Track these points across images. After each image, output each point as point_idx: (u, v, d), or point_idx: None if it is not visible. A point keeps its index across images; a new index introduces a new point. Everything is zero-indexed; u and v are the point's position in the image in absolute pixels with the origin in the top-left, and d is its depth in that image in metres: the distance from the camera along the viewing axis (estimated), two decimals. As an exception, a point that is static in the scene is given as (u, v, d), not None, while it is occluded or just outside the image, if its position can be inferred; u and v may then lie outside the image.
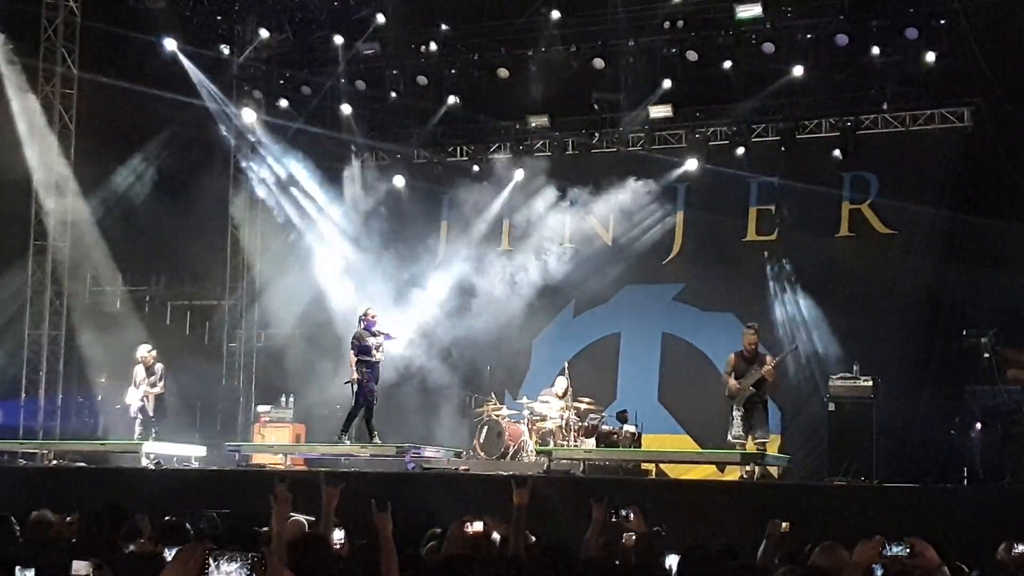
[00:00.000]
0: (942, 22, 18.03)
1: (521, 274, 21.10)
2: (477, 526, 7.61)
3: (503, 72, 20.61)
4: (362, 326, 17.52)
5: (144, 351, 18.54)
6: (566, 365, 18.64)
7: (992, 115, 17.92)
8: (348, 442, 17.42)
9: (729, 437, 16.21)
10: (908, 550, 5.31)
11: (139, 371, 18.40)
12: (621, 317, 20.99)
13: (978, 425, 15.50)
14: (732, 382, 16.18)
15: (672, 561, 7.18)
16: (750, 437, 16.05)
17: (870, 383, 16.22)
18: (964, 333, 15.60)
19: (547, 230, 21.21)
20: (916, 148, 19.19)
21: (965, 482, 15.21)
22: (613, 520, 8.12)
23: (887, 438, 16.43)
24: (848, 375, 16.57)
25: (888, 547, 5.33)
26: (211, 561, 4.14)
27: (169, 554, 5.92)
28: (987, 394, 15.39)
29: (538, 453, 17.30)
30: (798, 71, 18.97)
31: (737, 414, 16.12)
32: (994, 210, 17.79)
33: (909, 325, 18.49)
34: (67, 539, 8.32)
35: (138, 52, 20.78)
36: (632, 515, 8.23)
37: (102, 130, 21.07)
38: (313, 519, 10.38)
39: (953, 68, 18.23)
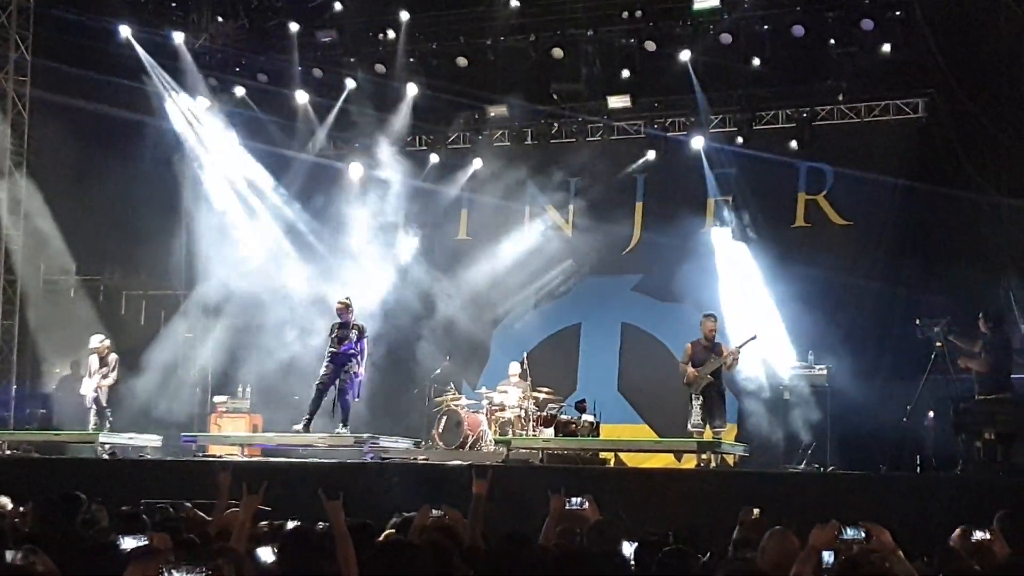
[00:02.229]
0: (897, 14, 18.16)
1: (479, 264, 21.11)
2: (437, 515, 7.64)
3: (462, 61, 20.57)
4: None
5: (97, 341, 18.39)
6: (524, 356, 18.72)
7: (946, 106, 18.09)
8: (342, 430, 17.31)
9: (688, 426, 16.30)
10: (863, 534, 5.36)
11: (93, 361, 18.25)
12: (581, 308, 21.06)
13: (931, 413, 15.64)
14: (690, 370, 16.24)
15: (629, 549, 7.21)
16: (708, 426, 16.14)
17: (825, 372, 16.35)
18: (917, 323, 15.72)
19: (506, 220, 21.22)
20: (871, 139, 19.36)
21: (918, 470, 15.35)
22: (567, 509, 8.15)
23: (841, 426, 16.58)
24: (804, 363, 16.67)
25: (844, 531, 5.38)
26: (165, 573, 4.11)
27: (124, 543, 5.89)
28: (940, 383, 15.52)
29: (497, 443, 17.34)
30: (755, 62, 19.06)
31: (696, 403, 16.18)
32: (948, 200, 17.95)
33: (863, 314, 18.64)
34: (20, 528, 8.26)
35: (93, 39, 20.57)
36: (586, 503, 8.26)
37: (56, 117, 20.87)
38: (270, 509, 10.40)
39: (908, 60, 18.39)
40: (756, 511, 9.10)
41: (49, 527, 7.87)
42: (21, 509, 9.38)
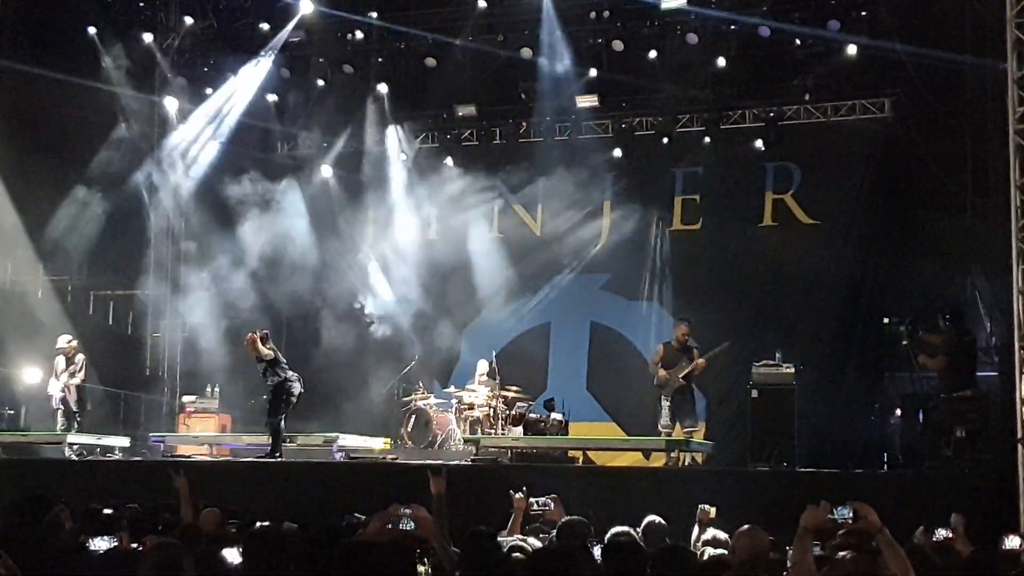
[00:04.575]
0: (863, 14, 18.28)
1: (450, 264, 21.11)
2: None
3: (430, 61, 20.56)
4: None
5: (64, 341, 18.32)
6: (493, 355, 18.75)
7: (912, 106, 18.21)
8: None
9: (658, 426, 16.36)
10: (852, 514, 5.45)
11: (60, 362, 18.18)
12: (550, 307, 21.09)
13: (897, 411, 15.76)
14: (661, 372, 16.28)
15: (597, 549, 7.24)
16: (678, 425, 16.20)
17: (792, 370, 16.39)
18: (886, 322, 15.84)
19: (475, 220, 21.23)
20: (838, 138, 19.46)
21: (885, 467, 15.47)
22: (534, 510, 8.18)
23: (809, 424, 16.66)
24: (771, 362, 16.72)
25: (835, 512, 5.48)
26: None
27: (93, 544, 5.88)
28: (906, 381, 15.65)
29: (466, 441, 17.36)
30: (721, 62, 19.13)
31: (665, 404, 16.26)
32: (913, 199, 18.08)
33: (831, 313, 18.75)
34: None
35: (60, 39, 20.45)
36: (552, 504, 8.29)
37: (23, 117, 20.70)
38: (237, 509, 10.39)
39: (874, 60, 18.48)
40: (712, 510, 9.18)
41: (15, 529, 7.84)
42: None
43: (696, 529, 9.19)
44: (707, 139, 19.92)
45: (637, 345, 19.97)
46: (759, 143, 19.60)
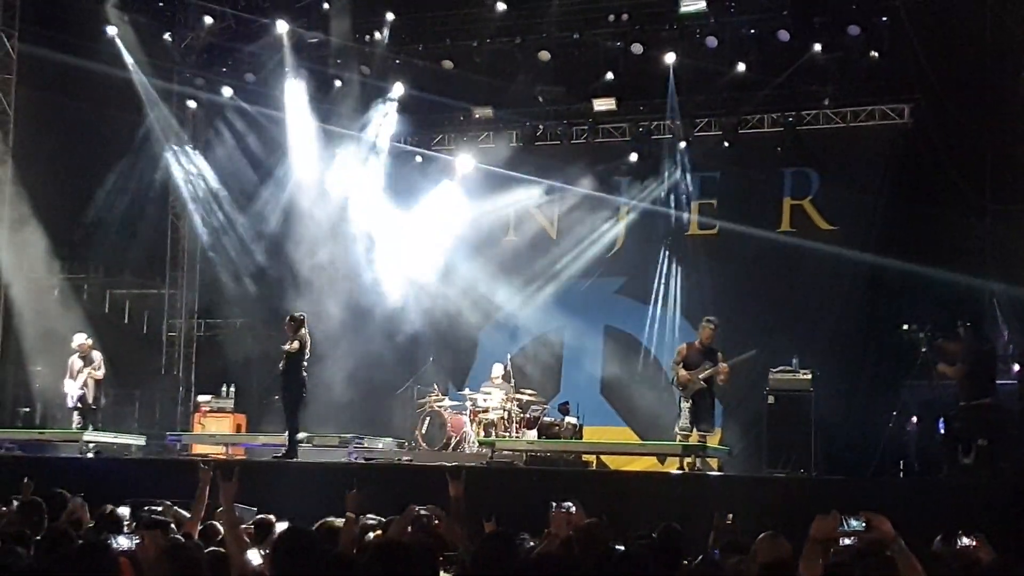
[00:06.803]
0: (883, 20, 18.22)
1: (466, 267, 21.10)
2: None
3: (448, 63, 20.57)
4: None
5: (79, 340, 18.33)
6: (508, 358, 18.73)
7: (931, 112, 18.13)
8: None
9: (676, 428, 16.25)
10: (864, 524, 5.38)
11: (75, 361, 18.16)
12: (565, 310, 21.05)
13: (915, 419, 15.67)
14: (683, 372, 16.08)
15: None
16: (695, 429, 16.10)
17: (809, 376, 16.34)
18: (905, 328, 15.77)
19: (491, 223, 21.22)
20: (857, 144, 19.40)
21: (901, 475, 15.39)
22: (553, 512, 8.18)
23: (825, 431, 16.58)
24: (788, 368, 16.67)
25: (846, 522, 5.39)
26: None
27: (117, 542, 5.88)
28: (924, 388, 15.56)
29: (481, 444, 17.33)
30: (740, 66, 19.08)
31: (685, 405, 16.06)
32: (932, 206, 17.99)
33: (848, 319, 18.69)
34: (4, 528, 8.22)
35: (79, 38, 20.51)
36: (574, 508, 8.28)
37: (42, 116, 20.75)
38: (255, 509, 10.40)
39: (894, 65, 18.43)
40: (730, 516, 9.14)
41: (32, 526, 7.84)
42: (3, 508, 9.33)
43: (712, 536, 9.15)
44: (725, 143, 19.86)
45: (652, 350, 19.93)
46: (777, 148, 19.53)
